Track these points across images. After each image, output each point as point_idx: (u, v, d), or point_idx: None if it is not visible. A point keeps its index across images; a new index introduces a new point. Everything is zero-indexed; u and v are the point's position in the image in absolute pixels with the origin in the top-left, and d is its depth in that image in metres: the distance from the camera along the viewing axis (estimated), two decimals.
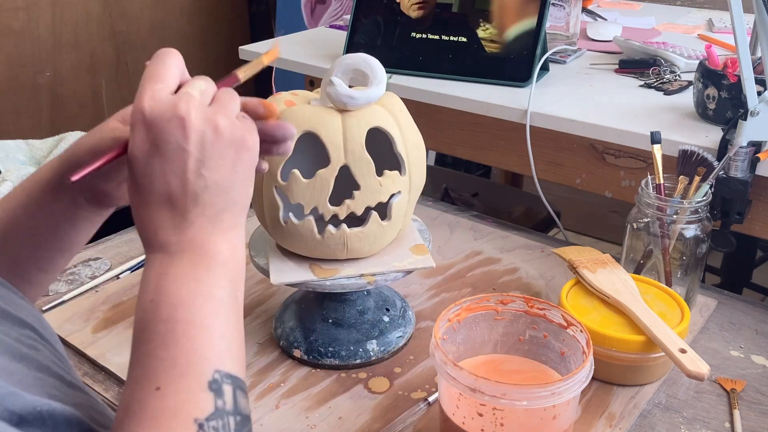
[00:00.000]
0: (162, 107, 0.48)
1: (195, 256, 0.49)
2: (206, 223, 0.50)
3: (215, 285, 0.49)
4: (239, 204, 0.52)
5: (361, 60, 0.76)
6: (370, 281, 0.79)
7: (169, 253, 0.49)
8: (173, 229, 0.49)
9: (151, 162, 0.48)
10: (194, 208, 0.49)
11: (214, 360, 0.46)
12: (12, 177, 1.22)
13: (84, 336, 0.89)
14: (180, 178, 0.49)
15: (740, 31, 0.87)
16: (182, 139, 0.48)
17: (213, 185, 0.49)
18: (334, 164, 0.74)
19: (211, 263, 0.49)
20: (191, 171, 0.49)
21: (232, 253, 0.51)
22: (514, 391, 0.62)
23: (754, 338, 0.89)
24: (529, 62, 1.23)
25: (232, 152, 0.50)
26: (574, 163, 1.18)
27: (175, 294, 0.47)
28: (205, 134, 0.49)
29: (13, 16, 2.98)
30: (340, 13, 3.02)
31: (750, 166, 0.94)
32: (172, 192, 0.49)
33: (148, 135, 0.48)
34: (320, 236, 0.77)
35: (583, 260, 0.90)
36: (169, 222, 0.49)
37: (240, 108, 0.54)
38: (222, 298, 0.49)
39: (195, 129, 0.48)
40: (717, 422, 0.76)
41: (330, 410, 0.77)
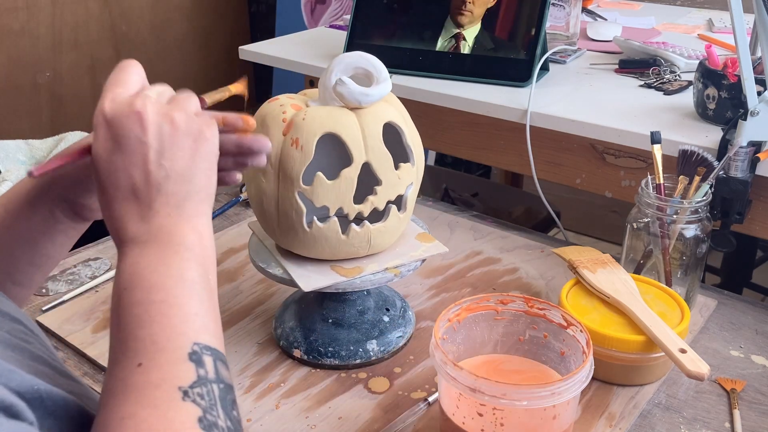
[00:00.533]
0: (120, 106, 0.51)
1: (163, 243, 0.50)
2: (171, 211, 0.51)
3: (185, 268, 0.50)
4: (202, 192, 0.53)
5: (362, 58, 0.76)
6: (396, 273, 0.80)
7: (138, 243, 0.50)
8: (140, 220, 0.51)
9: (113, 158, 0.50)
10: (158, 197, 0.51)
11: (192, 334, 0.47)
12: (12, 177, 1.22)
13: (84, 336, 0.89)
14: (142, 170, 0.50)
15: (740, 31, 0.87)
16: (141, 133, 0.50)
17: (174, 174, 0.51)
18: (356, 162, 0.75)
19: (179, 248, 0.50)
20: (152, 162, 0.50)
21: (199, 239, 0.52)
22: (514, 391, 0.62)
23: (754, 338, 0.89)
24: (529, 62, 1.23)
25: (191, 142, 0.52)
26: (574, 163, 1.18)
27: (147, 278, 0.48)
28: (162, 127, 0.51)
29: (13, 16, 2.98)
30: (340, 13, 3.02)
31: (750, 166, 0.94)
32: (135, 184, 0.50)
33: (108, 133, 0.51)
34: (344, 236, 0.78)
35: (583, 260, 0.90)
36: (135, 214, 0.51)
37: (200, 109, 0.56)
38: (193, 279, 0.50)
39: (152, 122, 0.51)
40: (717, 422, 0.76)
41: (330, 410, 0.77)
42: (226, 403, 0.46)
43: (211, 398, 0.45)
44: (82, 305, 0.95)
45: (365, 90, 0.75)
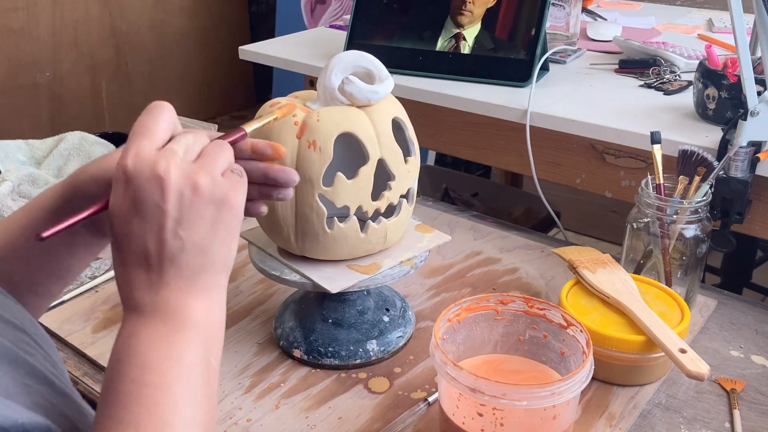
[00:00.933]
0: (143, 165, 0.48)
1: (168, 318, 0.48)
2: (182, 284, 0.49)
3: (186, 349, 0.48)
4: (218, 264, 0.50)
5: (362, 57, 0.77)
6: (412, 265, 0.81)
7: (142, 313, 0.48)
8: (148, 289, 0.48)
9: (129, 220, 0.48)
10: (170, 268, 0.48)
11: (179, 426, 0.45)
12: (12, 177, 1.22)
13: (84, 336, 0.89)
14: (157, 239, 0.47)
15: (740, 31, 0.87)
16: (160, 199, 0.47)
17: (191, 246, 0.48)
18: (372, 159, 0.76)
19: (184, 326, 0.48)
20: (168, 231, 0.47)
21: (207, 316, 0.49)
22: (514, 391, 0.62)
23: (754, 338, 0.89)
24: (529, 62, 1.23)
25: (213, 210, 0.49)
26: (574, 163, 1.18)
27: (143, 355, 0.46)
28: (184, 193, 0.48)
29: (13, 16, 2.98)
30: (340, 13, 3.03)
31: (750, 166, 0.94)
32: (148, 252, 0.48)
33: (127, 192, 0.48)
34: (363, 234, 0.78)
35: (583, 260, 0.90)
36: (144, 282, 0.48)
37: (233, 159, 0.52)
38: (192, 363, 0.48)
39: (173, 188, 0.47)
40: (717, 422, 0.76)
41: (330, 410, 0.77)
42: None
43: None
44: (82, 305, 0.95)
45: (374, 88, 0.76)
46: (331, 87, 0.77)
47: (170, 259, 0.48)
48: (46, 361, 0.51)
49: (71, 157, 1.35)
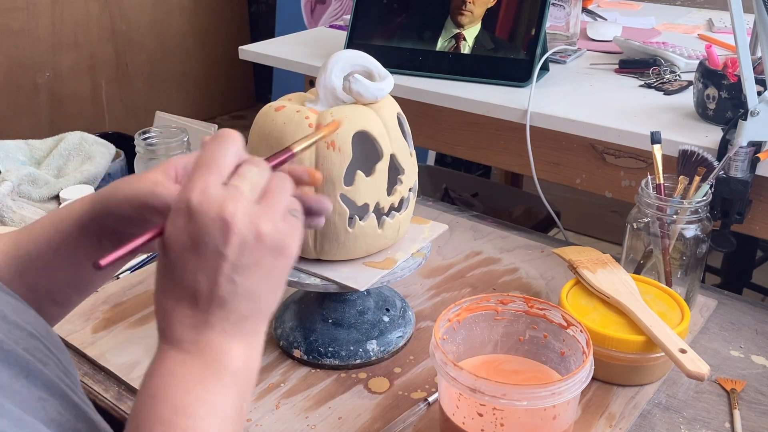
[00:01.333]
0: (209, 203, 0.46)
1: (208, 361, 0.47)
2: (227, 327, 0.48)
3: (222, 395, 0.47)
4: (265, 311, 0.50)
5: (360, 57, 0.77)
6: (422, 255, 0.83)
7: (182, 350, 0.47)
8: (192, 327, 0.47)
9: (184, 255, 0.46)
10: (218, 311, 0.47)
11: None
12: (12, 177, 1.22)
13: (84, 336, 0.89)
14: (210, 280, 0.46)
15: (740, 31, 0.87)
16: (222, 243, 0.46)
17: (243, 292, 0.47)
18: (386, 155, 0.76)
19: (223, 372, 0.47)
20: (224, 275, 0.46)
21: (246, 362, 0.49)
22: (514, 391, 0.62)
23: (754, 338, 0.89)
24: (529, 62, 1.23)
25: (270, 259, 0.48)
26: (574, 163, 1.18)
27: (180, 397, 0.46)
28: (247, 240, 0.46)
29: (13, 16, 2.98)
30: (340, 13, 3.03)
31: (750, 166, 0.94)
32: (198, 290, 0.47)
33: (188, 227, 0.46)
34: (380, 230, 0.79)
35: (583, 260, 0.90)
36: (189, 319, 0.47)
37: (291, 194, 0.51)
38: (225, 412, 0.47)
39: (237, 234, 0.46)
40: (717, 422, 0.76)
41: (330, 410, 0.77)
42: None
43: None
44: (82, 305, 0.95)
45: (379, 85, 0.77)
46: (333, 86, 0.77)
47: (220, 302, 0.47)
48: (59, 370, 0.50)
49: (71, 157, 1.35)
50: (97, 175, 1.33)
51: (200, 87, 3.81)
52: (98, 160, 1.34)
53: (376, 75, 0.77)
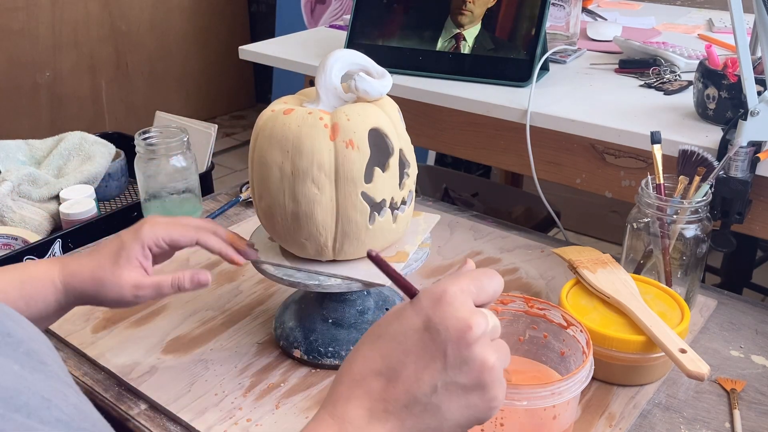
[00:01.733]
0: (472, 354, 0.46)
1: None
2: (397, 428, 0.47)
3: None
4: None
5: (356, 55, 0.78)
6: (427, 246, 0.85)
7: (343, 429, 0.46)
8: (367, 410, 0.46)
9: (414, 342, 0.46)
10: (402, 410, 0.46)
11: None
12: (12, 177, 1.22)
13: (84, 336, 0.89)
14: (418, 375, 0.46)
15: (740, 31, 0.87)
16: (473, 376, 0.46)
17: (435, 407, 0.46)
18: (396, 150, 0.77)
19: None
20: (434, 382, 0.46)
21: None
22: (514, 391, 0.62)
23: (754, 338, 0.89)
24: (529, 62, 1.23)
25: (476, 399, 0.47)
26: (574, 163, 1.18)
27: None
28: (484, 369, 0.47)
29: (13, 16, 2.98)
30: (340, 13, 3.03)
31: (750, 166, 0.94)
32: (401, 376, 0.46)
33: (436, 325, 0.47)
34: (394, 224, 0.79)
35: (583, 260, 0.90)
36: (369, 400, 0.46)
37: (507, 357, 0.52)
38: None
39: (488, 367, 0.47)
40: (717, 422, 0.76)
41: None
42: None
43: None
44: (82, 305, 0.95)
45: (383, 82, 0.78)
46: (333, 86, 0.77)
47: (412, 402, 0.46)
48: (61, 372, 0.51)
49: (71, 157, 1.35)
50: (97, 175, 1.33)
51: (200, 87, 3.81)
52: (98, 160, 1.34)
53: (374, 73, 0.78)
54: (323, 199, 0.74)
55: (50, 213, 1.24)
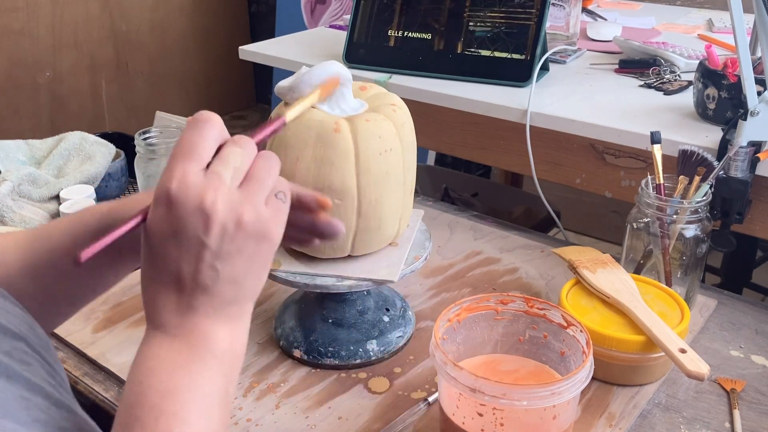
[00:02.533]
0: (189, 193, 0.46)
1: (193, 345, 0.48)
2: (211, 311, 0.48)
3: (207, 379, 0.48)
4: (248, 295, 0.50)
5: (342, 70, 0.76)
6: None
7: (167, 334, 0.48)
8: (176, 312, 0.48)
9: (166, 242, 0.47)
10: (201, 296, 0.48)
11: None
12: (12, 177, 1.22)
13: (84, 336, 0.89)
14: (192, 267, 0.47)
15: (740, 31, 0.87)
16: (203, 232, 0.46)
17: (225, 277, 0.48)
18: None
19: (208, 355, 0.48)
20: (205, 262, 0.47)
21: (231, 345, 0.49)
22: (514, 391, 0.62)
23: (754, 338, 0.89)
24: (529, 62, 1.23)
25: (252, 245, 0.48)
26: (574, 163, 1.18)
27: (166, 382, 0.46)
28: (227, 227, 0.47)
29: (13, 16, 2.98)
30: (340, 13, 3.02)
31: (750, 166, 0.94)
32: (182, 277, 0.47)
33: (168, 217, 0.46)
34: None
35: (583, 260, 0.90)
36: (173, 304, 0.48)
37: (278, 174, 0.51)
38: (211, 395, 0.48)
39: (218, 223, 0.46)
40: (717, 422, 0.76)
41: (330, 410, 0.77)
42: None
43: None
44: None
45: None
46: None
47: (203, 287, 0.47)
48: (43, 370, 0.50)
49: (71, 157, 1.35)
50: (97, 175, 1.33)
51: (200, 87, 3.81)
52: (98, 160, 1.34)
53: None
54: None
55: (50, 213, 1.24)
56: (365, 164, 0.74)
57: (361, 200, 0.75)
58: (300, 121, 0.74)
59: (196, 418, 0.46)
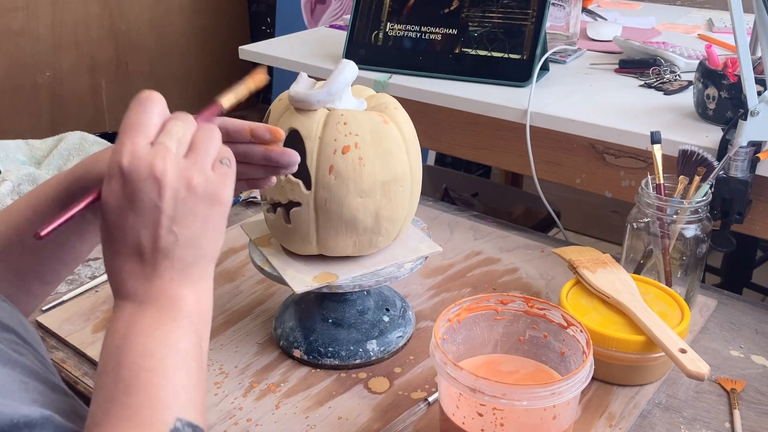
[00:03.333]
0: (139, 164, 0.49)
1: (162, 307, 0.50)
2: (175, 275, 0.51)
3: (180, 336, 0.50)
4: (208, 256, 0.53)
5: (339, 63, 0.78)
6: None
7: (137, 302, 0.50)
8: (142, 280, 0.50)
9: (123, 214, 0.49)
10: (164, 261, 0.50)
11: (176, 409, 0.47)
12: (12, 177, 1.22)
13: (84, 336, 0.89)
14: (152, 234, 0.49)
15: (740, 31, 0.87)
16: (157, 198, 0.49)
17: (184, 240, 0.50)
18: None
19: (178, 315, 0.50)
20: (163, 227, 0.49)
21: (198, 304, 0.52)
22: (514, 391, 0.62)
23: (754, 338, 0.89)
24: (529, 62, 1.23)
25: (205, 207, 0.51)
26: (574, 163, 1.18)
27: (142, 343, 0.48)
28: (179, 192, 0.50)
29: (13, 16, 2.98)
30: (340, 13, 3.02)
31: (750, 166, 0.94)
32: (142, 246, 0.50)
33: (123, 189, 0.49)
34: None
35: (583, 260, 0.90)
36: (138, 273, 0.50)
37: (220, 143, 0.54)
38: (186, 349, 0.50)
39: (170, 188, 0.49)
40: (717, 422, 0.76)
41: (330, 410, 0.77)
42: None
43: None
44: (82, 305, 0.95)
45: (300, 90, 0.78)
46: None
47: (164, 252, 0.50)
48: (36, 360, 0.52)
49: (71, 157, 1.35)
50: None
51: (200, 87, 3.81)
52: None
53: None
54: None
55: None
56: (412, 149, 0.80)
57: (413, 185, 0.81)
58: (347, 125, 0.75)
59: (174, 371, 0.48)
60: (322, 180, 0.75)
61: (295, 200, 0.77)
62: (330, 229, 0.78)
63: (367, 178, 0.76)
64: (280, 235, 0.82)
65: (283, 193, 0.77)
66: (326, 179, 0.75)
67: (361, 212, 0.77)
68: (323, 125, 0.76)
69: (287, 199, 0.77)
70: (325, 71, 1.35)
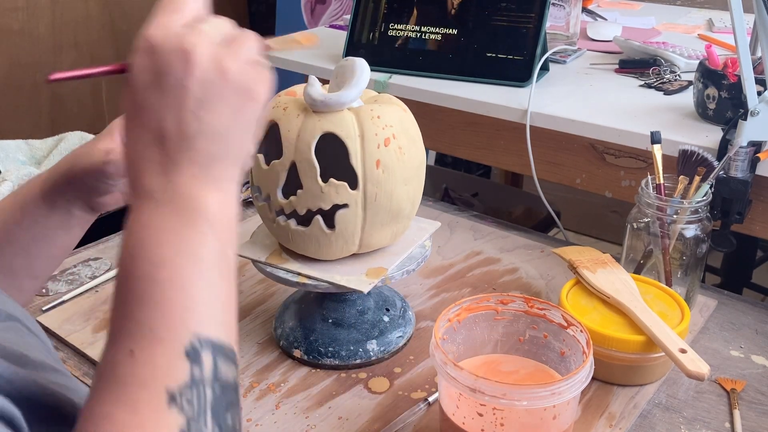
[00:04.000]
0: (170, 37, 0.44)
1: (180, 209, 0.45)
2: (196, 170, 0.45)
3: (200, 243, 0.45)
4: (234, 156, 0.47)
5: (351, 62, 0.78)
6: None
7: (154, 200, 0.45)
8: (161, 172, 0.45)
9: (148, 93, 0.45)
10: (186, 152, 0.45)
11: (194, 325, 0.43)
12: (12, 177, 1.22)
13: (84, 336, 0.89)
14: (175, 116, 0.44)
15: (740, 31, 0.87)
16: (184, 75, 0.44)
17: (209, 130, 0.45)
18: (284, 159, 0.76)
19: (198, 219, 0.45)
20: (188, 110, 0.44)
21: (221, 207, 0.46)
22: (514, 391, 0.62)
23: (754, 338, 0.89)
24: (529, 62, 1.23)
25: (236, 99, 0.46)
26: (574, 163, 1.18)
27: (156, 251, 0.44)
28: (210, 74, 0.45)
29: (13, 16, 2.98)
30: (340, 13, 3.02)
31: (750, 166, 0.94)
32: (164, 129, 0.44)
33: (149, 64, 0.45)
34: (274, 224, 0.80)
35: (583, 260, 0.90)
36: (157, 164, 0.45)
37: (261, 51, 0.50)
38: (206, 258, 0.45)
39: (199, 66, 0.44)
40: (717, 422, 0.76)
41: (330, 410, 0.77)
42: (220, 408, 0.42)
43: (200, 404, 0.41)
44: (82, 305, 0.95)
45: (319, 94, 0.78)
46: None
47: (187, 140, 0.45)
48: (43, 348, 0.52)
49: None
50: None
51: None
52: None
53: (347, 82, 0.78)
54: None
55: None
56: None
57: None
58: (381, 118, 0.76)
59: (193, 282, 0.44)
60: (371, 175, 0.75)
61: (341, 203, 0.76)
62: (376, 224, 0.78)
63: (408, 165, 0.78)
64: (309, 245, 0.79)
65: (326, 199, 0.76)
66: (374, 174, 0.75)
67: (404, 200, 0.79)
68: (357, 123, 0.76)
69: (331, 204, 0.76)
70: (326, 71, 1.35)
